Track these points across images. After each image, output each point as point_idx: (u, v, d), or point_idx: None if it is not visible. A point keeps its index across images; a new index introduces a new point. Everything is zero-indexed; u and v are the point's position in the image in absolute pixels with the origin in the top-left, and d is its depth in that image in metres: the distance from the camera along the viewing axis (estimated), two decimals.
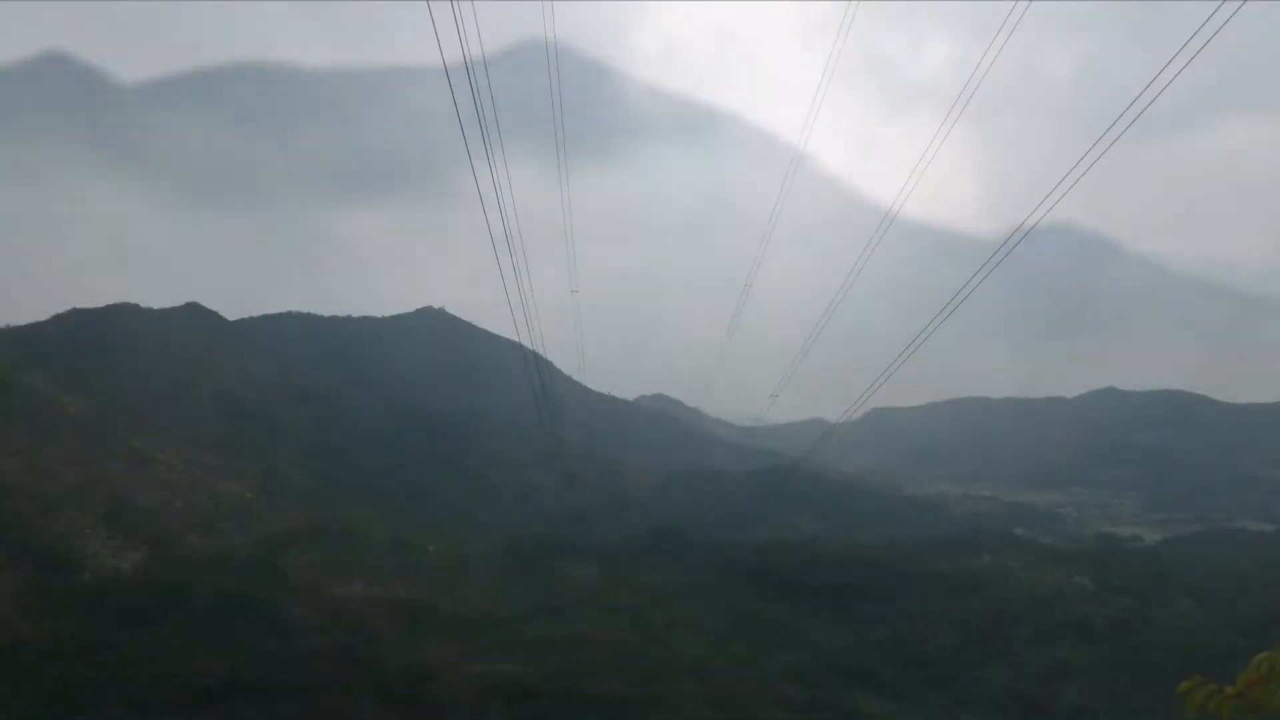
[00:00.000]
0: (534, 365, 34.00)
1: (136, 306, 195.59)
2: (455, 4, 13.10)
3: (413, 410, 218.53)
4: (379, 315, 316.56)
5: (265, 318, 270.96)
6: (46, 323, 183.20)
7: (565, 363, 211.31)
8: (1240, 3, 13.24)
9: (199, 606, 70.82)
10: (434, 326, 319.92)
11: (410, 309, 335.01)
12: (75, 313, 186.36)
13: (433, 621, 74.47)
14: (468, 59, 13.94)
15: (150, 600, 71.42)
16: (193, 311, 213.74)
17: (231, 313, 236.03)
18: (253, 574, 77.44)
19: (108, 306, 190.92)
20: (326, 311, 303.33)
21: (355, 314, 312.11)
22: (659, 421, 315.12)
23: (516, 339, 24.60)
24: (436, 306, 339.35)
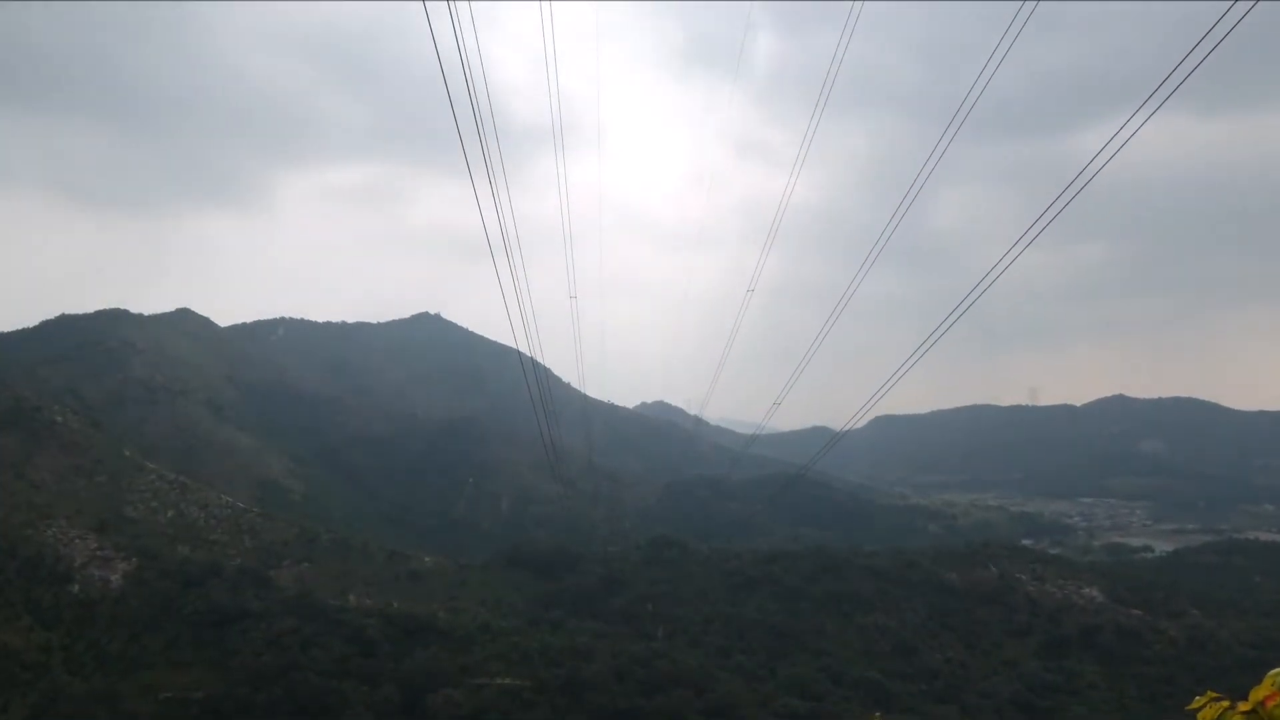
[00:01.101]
0: (532, 372, 32.74)
1: (126, 312, 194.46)
2: (453, 4, 12.13)
3: (410, 417, 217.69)
4: (375, 321, 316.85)
5: (258, 323, 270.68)
6: (35, 329, 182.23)
7: (565, 369, 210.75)
8: (1253, 2, 12.13)
9: (190, 618, 69.69)
10: (431, 332, 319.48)
11: (406, 315, 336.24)
12: (64, 318, 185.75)
13: (430, 633, 73.17)
14: (466, 68, 13.03)
15: (140, 612, 70.38)
16: (185, 317, 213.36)
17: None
18: (245, 585, 76.24)
19: (97, 312, 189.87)
20: (319, 318, 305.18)
21: (350, 320, 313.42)
22: (660, 429, 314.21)
23: (514, 345, 23.50)
24: (433, 313, 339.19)
